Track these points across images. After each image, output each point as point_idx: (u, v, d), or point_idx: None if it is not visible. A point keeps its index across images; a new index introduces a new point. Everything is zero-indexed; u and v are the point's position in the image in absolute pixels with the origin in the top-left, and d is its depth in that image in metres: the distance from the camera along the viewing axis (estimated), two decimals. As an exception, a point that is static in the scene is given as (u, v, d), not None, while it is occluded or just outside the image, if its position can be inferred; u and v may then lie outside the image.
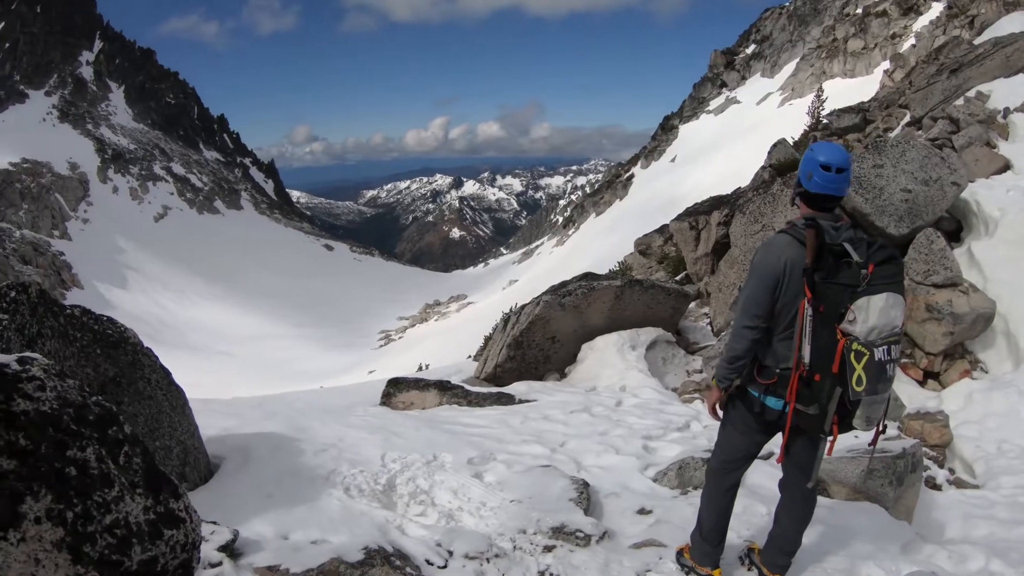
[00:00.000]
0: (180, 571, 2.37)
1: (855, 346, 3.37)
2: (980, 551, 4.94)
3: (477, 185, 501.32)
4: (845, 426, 3.58)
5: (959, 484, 7.40)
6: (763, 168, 19.66)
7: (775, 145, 19.47)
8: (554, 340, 10.73)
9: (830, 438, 3.65)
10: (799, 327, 3.57)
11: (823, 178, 3.68)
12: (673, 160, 72.00)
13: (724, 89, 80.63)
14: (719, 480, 4.20)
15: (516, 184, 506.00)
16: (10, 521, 1.89)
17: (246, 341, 72.86)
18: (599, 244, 59.74)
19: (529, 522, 4.83)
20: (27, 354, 2.26)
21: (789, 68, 69.85)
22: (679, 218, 17.51)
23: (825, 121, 23.69)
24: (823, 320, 3.46)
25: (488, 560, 4.40)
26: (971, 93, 14.28)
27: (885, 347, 3.37)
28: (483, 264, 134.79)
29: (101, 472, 2.16)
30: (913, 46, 46.40)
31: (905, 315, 3.44)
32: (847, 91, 47.38)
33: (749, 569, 4.45)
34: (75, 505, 2.04)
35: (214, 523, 4.05)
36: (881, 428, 3.66)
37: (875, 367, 3.35)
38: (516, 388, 9.55)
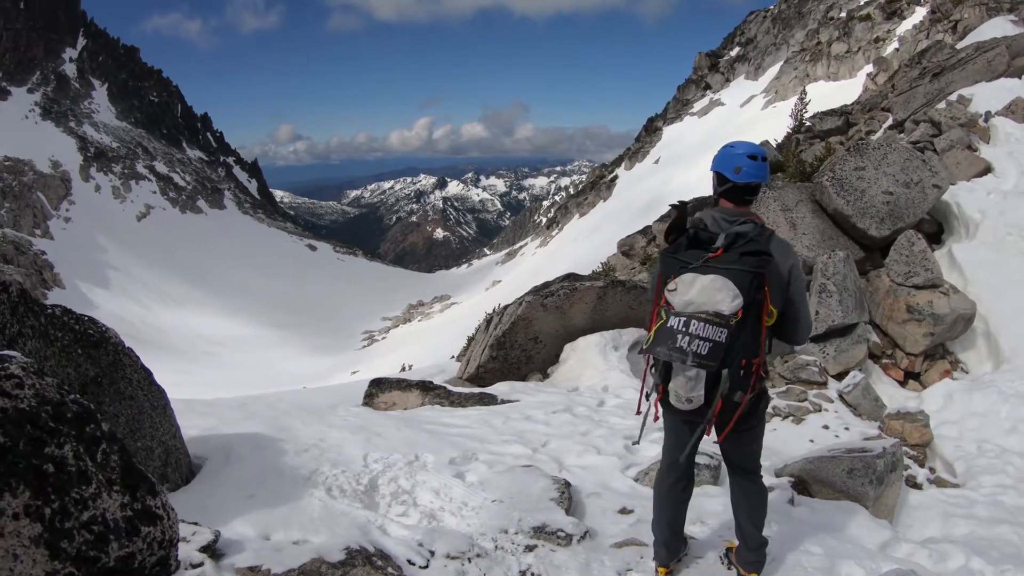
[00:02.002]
0: (157, 568, 2.37)
1: (662, 312, 3.61)
2: (960, 550, 4.98)
3: (461, 186, 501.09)
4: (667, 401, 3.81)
5: (939, 483, 7.46)
6: (746, 170, 19.74)
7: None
8: (536, 340, 10.74)
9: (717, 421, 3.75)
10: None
11: (752, 167, 3.80)
12: (657, 161, 72.13)
13: (708, 91, 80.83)
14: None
15: (500, 185, 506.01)
16: (-13, 517, 1.88)
17: (228, 341, 72.59)
18: (582, 245, 59.83)
19: (511, 522, 4.83)
20: (5, 352, 2.25)
21: (773, 71, 70.12)
22: (662, 219, 17.57)
23: (808, 124, 23.79)
24: (663, 290, 3.68)
25: (469, 560, 4.39)
26: (953, 97, 14.39)
27: (685, 318, 3.51)
28: (467, 265, 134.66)
29: (79, 469, 2.16)
30: (896, 50, 46.61)
31: (737, 301, 3.45)
32: (830, 94, 47.64)
33: (729, 568, 4.47)
34: (53, 501, 2.04)
35: (196, 524, 4.03)
36: (711, 417, 3.65)
37: (664, 331, 3.54)
38: (498, 388, 9.55)
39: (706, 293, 3.49)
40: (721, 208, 3.90)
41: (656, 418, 4.02)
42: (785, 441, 7.71)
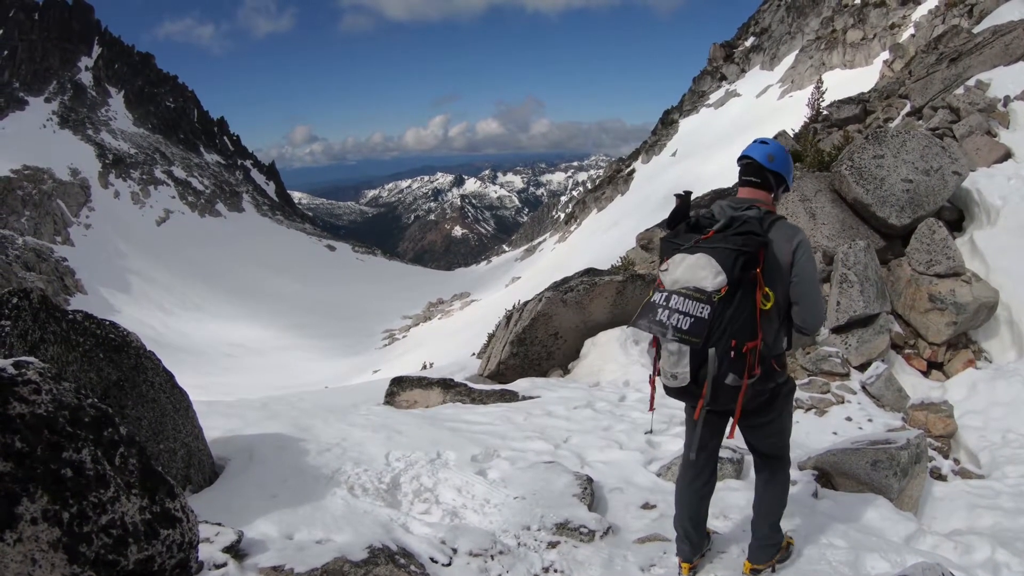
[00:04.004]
0: (177, 570, 2.37)
1: (652, 291, 3.76)
2: (985, 541, 4.93)
3: (478, 183, 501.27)
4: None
5: (964, 474, 7.39)
6: (764, 161, 19.62)
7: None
8: (557, 336, 10.73)
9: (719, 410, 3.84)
10: None
11: (749, 148, 4.07)
12: (674, 154, 71.88)
13: (724, 82, 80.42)
14: None
15: (517, 181, 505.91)
16: (6, 522, 1.89)
17: (249, 343, 72.92)
18: (601, 240, 59.70)
19: (533, 518, 4.83)
20: (23, 358, 2.26)
21: (788, 60, 69.67)
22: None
23: (825, 112, 23.63)
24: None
25: (492, 557, 4.39)
26: (971, 82, 14.24)
27: (667, 294, 3.63)
28: (486, 262, 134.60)
29: (97, 473, 2.17)
30: (912, 36, 46.22)
31: (720, 278, 3.49)
32: (847, 82, 47.29)
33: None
34: (71, 506, 2.05)
35: (219, 524, 4.06)
36: (707, 398, 3.60)
37: (647, 306, 3.67)
38: (519, 385, 9.55)
39: (690, 271, 3.57)
40: (732, 197, 3.99)
41: (652, 402, 4.18)
42: (808, 433, 7.66)
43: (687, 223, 3.84)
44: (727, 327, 3.50)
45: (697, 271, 3.53)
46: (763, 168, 3.92)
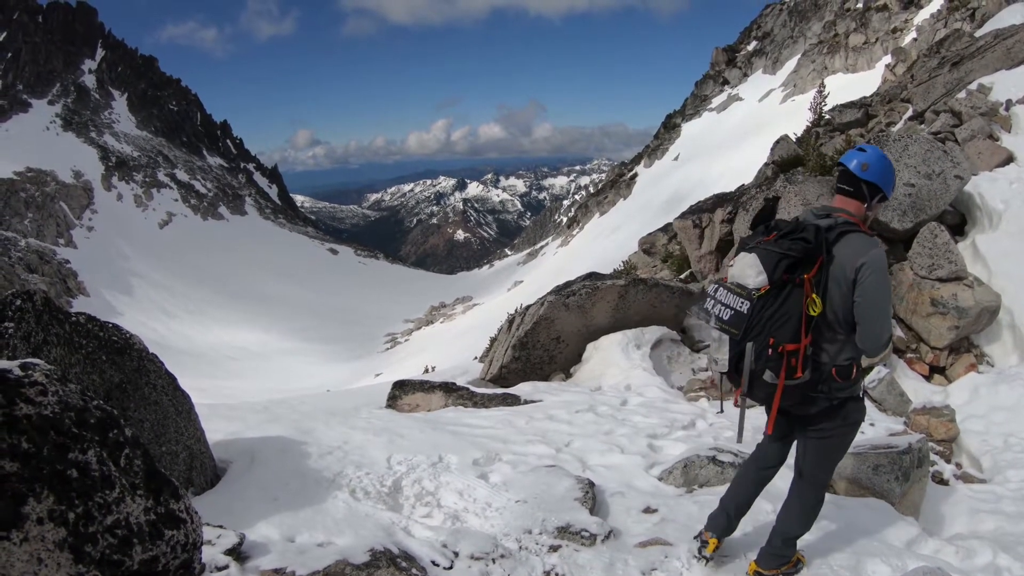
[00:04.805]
0: (181, 571, 2.38)
1: None
2: (987, 546, 4.92)
3: (481, 187, 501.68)
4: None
5: (966, 479, 7.39)
6: (766, 165, 19.64)
7: (778, 142, 19.46)
8: (559, 340, 10.73)
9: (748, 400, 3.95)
10: None
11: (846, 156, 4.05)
12: (676, 158, 71.83)
13: (726, 86, 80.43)
14: None
15: (520, 185, 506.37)
16: (13, 522, 1.91)
17: (252, 346, 72.93)
18: (603, 244, 59.67)
19: (534, 522, 4.83)
20: (29, 360, 2.28)
21: (791, 64, 69.65)
22: (683, 216, 17.48)
23: (827, 116, 23.62)
24: None
25: (493, 560, 4.40)
26: (973, 86, 14.24)
27: (717, 287, 3.83)
28: (488, 266, 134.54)
29: (102, 474, 2.18)
30: (914, 40, 46.23)
31: (761, 277, 3.64)
32: (849, 86, 47.23)
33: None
34: (76, 506, 2.06)
35: (221, 527, 4.07)
36: (744, 388, 3.79)
37: (703, 295, 3.98)
38: (521, 389, 9.55)
39: (740, 268, 3.74)
40: (822, 205, 4.13)
41: (719, 390, 4.31)
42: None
43: (766, 225, 3.92)
44: (766, 325, 3.61)
45: (745, 269, 3.70)
46: (856, 177, 3.88)
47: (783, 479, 4.39)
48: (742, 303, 3.65)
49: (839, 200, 3.95)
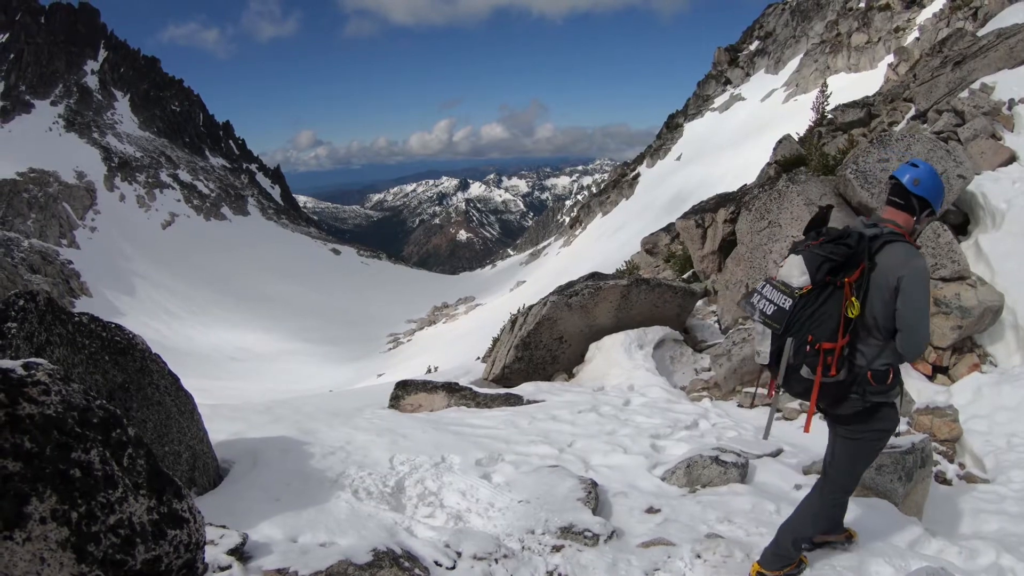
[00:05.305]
0: (184, 571, 2.38)
1: None
2: (990, 546, 4.92)
3: (483, 187, 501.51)
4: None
5: (969, 479, 7.38)
6: (768, 164, 19.62)
7: (780, 141, 19.43)
8: (561, 340, 10.73)
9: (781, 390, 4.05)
10: None
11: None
12: (679, 158, 71.87)
13: (728, 86, 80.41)
14: None
15: (522, 185, 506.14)
16: (16, 521, 1.91)
17: (254, 346, 72.96)
18: (606, 244, 59.71)
19: (537, 522, 4.83)
20: (32, 359, 2.28)
21: (793, 64, 69.63)
22: (685, 216, 17.47)
23: (830, 116, 23.61)
24: None
25: (496, 560, 4.39)
26: (976, 85, 14.22)
27: (765, 283, 4.06)
28: (490, 266, 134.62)
29: (105, 473, 2.18)
30: (917, 39, 46.18)
31: (804, 277, 3.85)
32: (851, 86, 47.21)
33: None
34: (79, 506, 2.06)
35: (223, 527, 4.07)
36: (779, 380, 3.97)
37: (753, 291, 4.19)
38: (524, 389, 9.55)
39: (787, 268, 3.96)
40: (874, 214, 4.32)
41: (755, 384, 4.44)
42: (813, 438, 7.65)
43: (817, 231, 4.08)
44: (806, 323, 3.81)
45: (792, 269, 3.92)
46: (907, 191, 4.01)
47: (783, 480, 4.39)
48: (785, 300, 3.86)
49: (889, 212, 4.10)
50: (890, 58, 49.87)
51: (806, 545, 4.49)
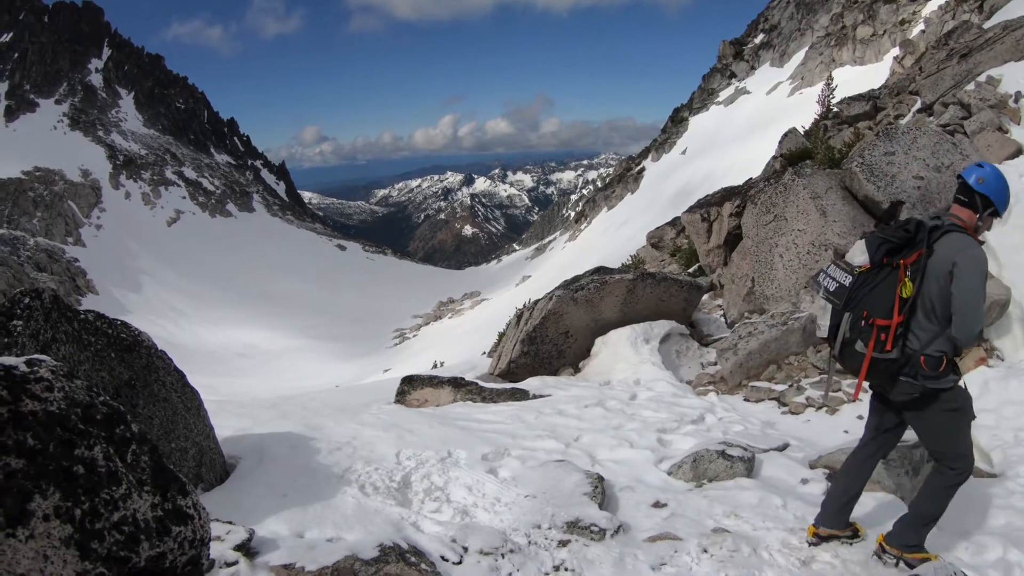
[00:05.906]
0: (189, 567, 2.38)
1: None
2: (998, 541, 4.91)
3: (488, 182, 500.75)
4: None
5: (976, 474, 7.33)
6: (774, 158, 19.57)
7: (786, 135, 19.40)
8: (567, 335, 10.72)
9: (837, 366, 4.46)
10: None
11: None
12: (684, 152, 71.65)
13: (733, 80, 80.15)
14: None
15: (527, 180, 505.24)
16: (19, 518, 1.90)
17: (260, 343, 72.98)
18: (611, 238, 59.60)
19: (544, 517, 4.83)
20: (35, 356, 2.27)
21: (798, 57, 69.35)
22: (691, 210, 17.43)
23: (835, 109, 23.53)
24: None
25: (503, 555, 4.39)
26: (982, 78, 14.15)
27: (831, 263, 4.39)
28: (496, 261, 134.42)
29: (109, 470, 2.17)
30: (922, 32, 45.99)
31: (864, 257, 4.20)
32: (857, 78, 47.01)
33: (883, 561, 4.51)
34: (83, 503, 2.05)
35: (230, 523, 4.07)
36: (835, 351, 4.32)
37: (821, 270, 4.39)
38: (530, 383, 9.55)
39: (853, 250, 4.32)
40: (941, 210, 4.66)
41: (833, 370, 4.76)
42: (819, 432, 7.64)
43: (887, 222, 4.55)
44: (863, 299, 4.13)
45: (855, 250, 4.28)
46: (972, 189, 4.24)
47: (790, 474, 4.37)
48: (845, 277, 4.20)
49: (954, 208, 4.34)
50: (896, 51, 49.72)
51: (812, 540, 4.52)
